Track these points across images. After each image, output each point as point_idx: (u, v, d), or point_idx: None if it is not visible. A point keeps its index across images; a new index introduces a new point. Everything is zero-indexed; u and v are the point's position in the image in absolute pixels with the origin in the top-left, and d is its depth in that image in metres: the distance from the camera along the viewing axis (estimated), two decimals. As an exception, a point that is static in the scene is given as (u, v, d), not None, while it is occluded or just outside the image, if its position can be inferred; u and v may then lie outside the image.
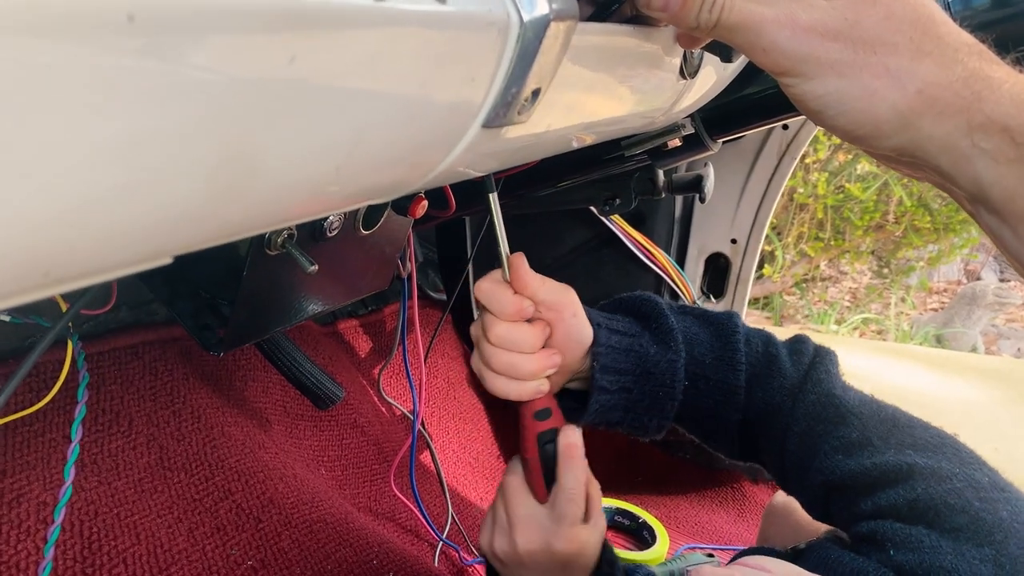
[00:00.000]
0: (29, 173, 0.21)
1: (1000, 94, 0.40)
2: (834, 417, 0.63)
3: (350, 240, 0.70)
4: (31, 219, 0.22)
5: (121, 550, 0.71)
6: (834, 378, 0.67)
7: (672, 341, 0.67)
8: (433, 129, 0.36)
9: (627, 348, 0.66)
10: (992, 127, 0.40)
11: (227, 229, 0.33)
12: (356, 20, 0.27)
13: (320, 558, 0.82)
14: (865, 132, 0.43)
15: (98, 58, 0.19)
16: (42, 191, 0.22)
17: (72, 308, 0.57)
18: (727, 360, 0.68)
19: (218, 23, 0.22)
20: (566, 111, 0.48)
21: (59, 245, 0.25)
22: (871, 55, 0.41)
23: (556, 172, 1.02)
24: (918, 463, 0.58)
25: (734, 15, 0.41)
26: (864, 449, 0.61)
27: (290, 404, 1.05)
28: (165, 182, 0.26)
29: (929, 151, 0.42)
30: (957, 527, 0.55)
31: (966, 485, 0.56)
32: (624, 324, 0.68)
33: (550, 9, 0.36)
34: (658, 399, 0.67)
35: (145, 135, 0.23)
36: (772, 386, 0.67)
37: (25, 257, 0.24)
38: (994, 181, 0.41)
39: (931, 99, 0.41)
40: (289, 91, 0.27)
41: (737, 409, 0.68)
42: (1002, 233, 0.44)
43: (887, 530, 0.57)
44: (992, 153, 0.41)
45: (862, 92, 0.41)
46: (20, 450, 0.72)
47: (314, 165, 0.31)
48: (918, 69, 0.40)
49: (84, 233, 0.25)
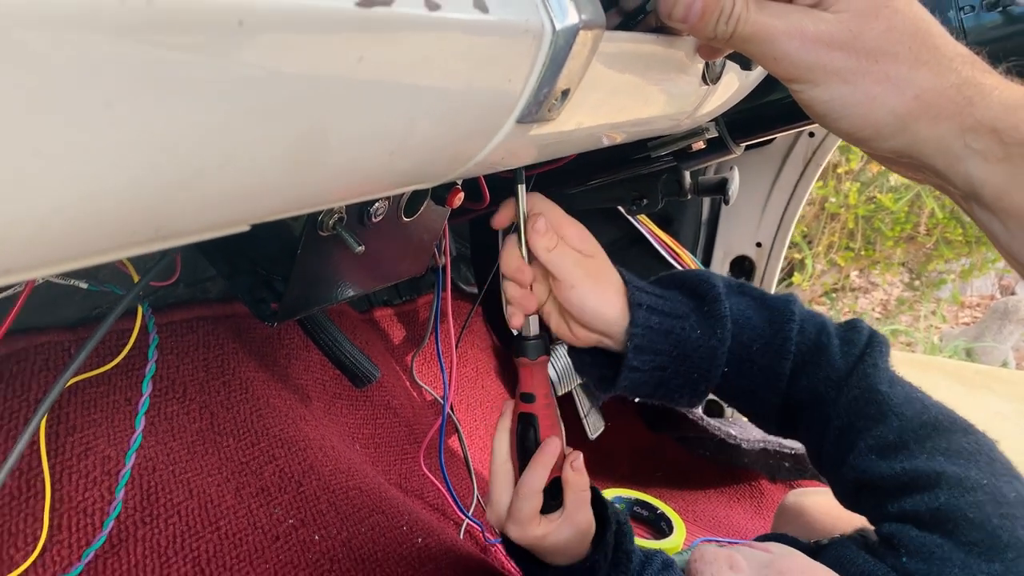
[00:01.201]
0: (161, 146, 0.27)
1: (990, 99, 0.43)
2: (875, 414, 0.64)
3: (392, 226, 0.76)
4: (154, 184, 0.28)
5: (176, 503, 0.78)
6: (881, 372, 0.66)
7: (719, 327, 0.67)
8: (474, 122, 0.41)
9: (667, 330, 0.66)
10: (982, 129, 0.44)
11: (297, 202, 0.39)
12: (413, 26, 0.32)
13: (354, 521, 0.88)
14: (867, 134, 0.46)
15: (212, 55, 0.25)
16: (166, 161, 0.27)
17: (144, 278, 0.64)
18: (776, 347, 0.68)
19: (303, 29, 0.28)
20: (593, 111, 0.53)
21: (171, 207, 0.30)
22: (873, 64, 0.44)
23: (586, 171, 1.06)
24: (947, 471, 0.59)
25: (748, 27, 0.45)
26: (899, 452, 0.62)
27: (329, 383, 1.11)
28: (254, 158, 0.31)
29: (925, 152, 0.45)
30: (972, 541, 0.56)
31: (990, 499, 0.57)
32: (672, 304, 0.68)
33: (579, 19, 0.41)
34: (692, 380, 0.67)
35: (242, 118, 0.28)
36: (819, 376, 0.67)
37: (144, 216, 0.30)
38: (985, 179, 0.45)
39: (927, 104, 0.44)
40: (355, 85, 0.32)
41: (779, 394, 0.69)
42: (993, 227, 0.47)
43: (904, 536, 0.58)
44: (983, 153, 0.44)
45: (864, 97, 0.44)
46: (87, 409, 0.79)
47: (372, 149, 0.37)
48: (915, 77, 0.44)
49: (191, 198, 0.31)
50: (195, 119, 0.26)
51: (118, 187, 0.26)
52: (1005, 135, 0.43)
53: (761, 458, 1.57)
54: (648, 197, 1.18)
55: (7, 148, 0.21)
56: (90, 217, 0.27)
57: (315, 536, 0.84)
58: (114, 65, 0.22)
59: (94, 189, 0.26)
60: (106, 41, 0.21)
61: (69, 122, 0.22)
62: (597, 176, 1.07)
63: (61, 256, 0.29)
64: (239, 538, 0.79)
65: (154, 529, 0.76)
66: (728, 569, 0.57)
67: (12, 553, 0.69)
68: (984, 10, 0.75)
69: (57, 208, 0.25)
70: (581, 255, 0.65)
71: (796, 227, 3.48)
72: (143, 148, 0.26)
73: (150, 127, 0.25)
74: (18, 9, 0.19)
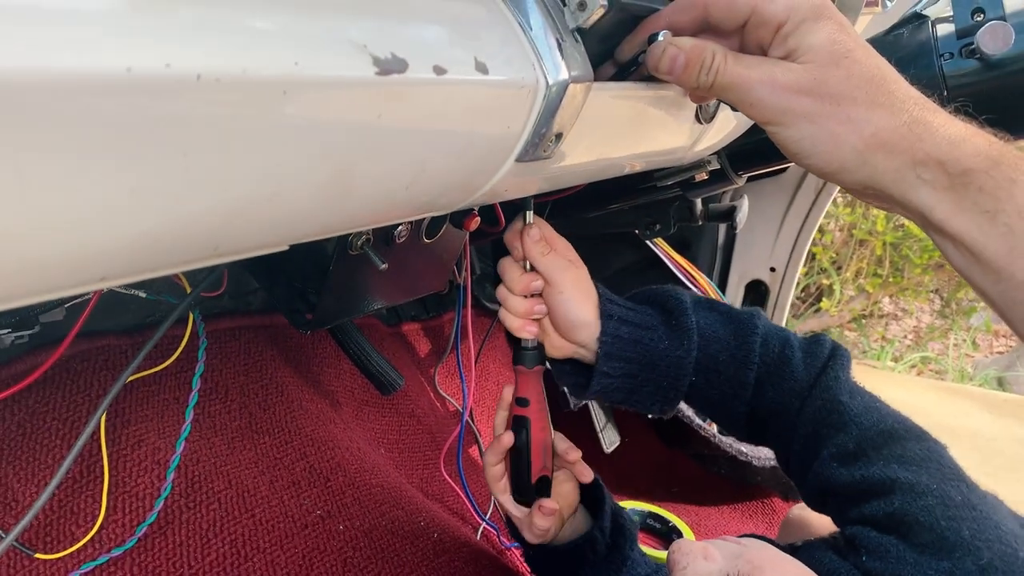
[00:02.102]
0: (224, 183, 0.34)
1: (937, 136, 0.49)
2: (836, 423, 0.68)
3: (415, 247, 0.84)
4: (217, 213, 0.36)
5: (216, 491, 0.87)
6: (842, 383, 0.71)
7: (686, 339, 0.72)
8: (478, 161, 0.48)
9: (636, 339, 0.71)
10: (930, 161, 0.49)
11: (330, 226, 0.46)
12: (423, 88, 0.39)
13: (376, 515, 0.96)
14: (833, 168, 0.51)
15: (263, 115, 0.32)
16: (227, 195, 0.35)
17: (197, 288, 0.72)
18: (740, 358, 0.72)
19: (333, 93, 0.35)
20: (588, 150, 0.59)
21: (228, 231, 0.38)
22: (836, 107, 0.49)
23: (599, 198, 1.12)
24: (900, 478, 0.63)
25: (726, 77, 0.51)
26: (857, 460, 0.66)
27: (358, 391, 1.20)
28: (296, 191, 0.38)
29: (884, 183, 0.51)
30: (924, 543, 0.60)
31: (939, 502, 0.61)
32: (642, 316, 0.73)
33: (569, 75, 0.48)
34: (662, 388, 0.73)
35: (286, 162, 0.36)
36: (783, 388, 0.72)
37: (208, 238, 0.37)
38: (933, 206, 0.50)
39: (883, 141, 0.49)
40: (376, 135, 0.38)
41: (745, 403, 0.73)
42: (946, 249, 0.53)
43: (864, 537, 0.63)
44: (931, 183, 0.50)
45: (829, 136, 0.50)
46: (140, 405, 0.88)
47: (391, 184, 0.44)
48: (872, 117, 0.49)
49: (244, 224, 0.38)
50: (251, 163, 0.34)
51: (191, 215, 0.34)
52: (949, 166, 0.49)
53: (773, 476, 1.61)
54: (661, 223, 1.24)
55: (114, 186, 0.29)
56: (168, 238, 0.35)
57: (340, 526, 0.92)
58: (190, 123, 0.30)
59: (173, 217, 0.33)
60: (186, 108, 0.29)
61: (157, 166, 0.30)
62: (609, 203, 1.14)
63: (144, 268, 0.37)
64: (272, 525, 0.87)
65: (197, 514, 0.84)
66: (702, 559, 0.61)
67: (73, 530, 0.78)
68: (962, 57, 0.80)
69: (145, 231, 0.33)
70: (570, 263, 0.73)
71: (825, 253, 3.47)
72: (211, 185, 0.33)
73: (216, 169, 0.33)
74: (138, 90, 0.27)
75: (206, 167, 0.32)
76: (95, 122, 0.26)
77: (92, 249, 0.31)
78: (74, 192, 0.28)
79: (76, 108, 0.25)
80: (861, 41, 0.51)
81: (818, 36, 0.49)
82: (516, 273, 0.72)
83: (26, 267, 0.29)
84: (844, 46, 0.49)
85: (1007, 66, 0.75)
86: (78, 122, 0.26)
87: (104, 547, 0.79)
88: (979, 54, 0.77)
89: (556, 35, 0.47)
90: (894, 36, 0.84)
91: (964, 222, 0.50)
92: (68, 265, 0.31)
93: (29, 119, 0.24)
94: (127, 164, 0.29)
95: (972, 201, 0.50)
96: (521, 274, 0.72)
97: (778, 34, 0.50)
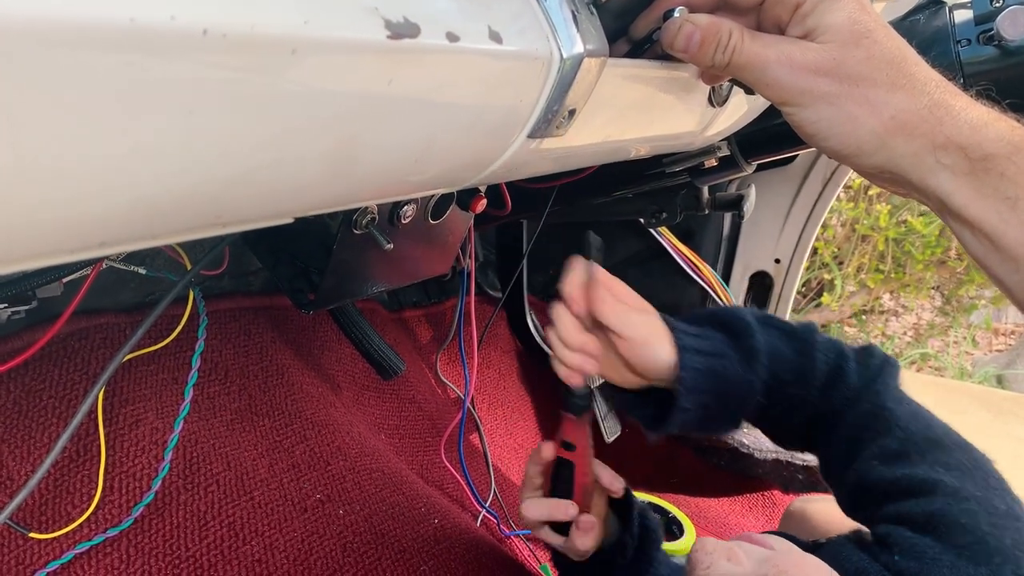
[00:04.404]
0: (228, 147, 0.33)
1: (958, 119, 0.48)
2: (882, 427, 0.66)
3: (420, 228, 0.83)
4: (220, 178, 0.34)
5: (215, 473, 0.86)
6: (891, 390, 0.69)
7: (756, 363, 0.69)
8: (489, 135, 0.47)
9: (710, 369, 0.68)
10: (951, 145, 0.48)
11: (335, 199, 0.45)
12: (435, 55, 0.37)
13: (376, 500, 0.95)
14: (851, 151, 0.50)
15: (271, 76, 0.30)
16: (229, 161, 0.34)
17: (198, 264, 0.71)
18: (804, 375, 0.70)
19: (343, 56, 0.34)
20: (600, 128, 0.58)
21: (231, 199, 0.37)
22: (854, 88, 0.48)
23: (607, 184, 1.11)
24: (944, 481, 0.61)
25: (743, 56, 0.50)
26: (900, 460, 0.64)
27: (358, 375, 1.19)
28: (300, 159, 0.37)
29: (902, 167, 0.50)
30: (963, 545, 0.58)
31: (982, 509, 0.59)
32: (711, 343, 0.70)
33: (585, 48, 0.46)
34: (730, 412, 0.71)
35: (292, 126, 0.34)
36: (835, 396, 0.70)
37: (209, 205, 0.36)
38: (952, 191, 0.49)
39: (902, 123, 0.48)
40: (386, 103, 0.37)
41: (805, 415, 0.72)
42: (964, 236, 0.52)
43: (898, 536, 0.60)
44: (951, 168, 0.49)
45: (847, 118, 0.49)
46: (138, 384, 0.87)
47: (399, 155, 0.43)
48: (892, 99, 0.48)
49: (247, 192, 0.37)
50: (256, 125, 0.33)
51: (193, 179, 0.33)
52: (970, 151, 0.48)
53: (775, 469, 1.60)
54: (667, 211, 1.23)
55: (113, 144, 0.28)
56: (169, 203, 0.34)
57: (339, 511, 0.91)
58: (197, 82, 0.28)
59: (174, 180, 0.32)
60: (192, 64, 0.27)
61: (159, 125, 0.29)
62: (617, 189, 1.13)
63: (144, 234, 0.36)
64: (271, 508, 0.86)
65: (195, 495, 0.83)
66: (726, 561, 0.59)
67: (69, 510, 0.77)
68: (980, 44, 0.79)
69: (145, 194, 0.32)
70: (640, 311, 0.70)
71: (827, 248, 3.47)
72: (214, 148, 0.32)
73: (219, 131, 0.31)
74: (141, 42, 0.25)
75: (209, 128, 0.31)
76: (94, 74, 0.25)
77: (90, 211, 0.30)
78: (70, 149, 0.26)
79: (75, 59, 0.24)
80: (881, 21, 0.50)
81: (838, 15, 0.48)
82: (574, 330, 0.67)
83: (18, 228, 0.28)
84: (864, 26, 0.48)
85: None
86: (76, 74, 0.25)
87: (100, 527, 0.78)
88: (997, 40, 0.76)
89: (572, 7, 0.46)
90: (910, 22, 0.83)
91: (984, 209, 0.49)
92: (65, 227, 0.30)
93: (24, 69, 0.23)
94: (126, 121, 0.28)
95: (993, 187, 0.49)
96: (580, 332, 0.67)
97: (797, 13, 0.49)
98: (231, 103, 0.30)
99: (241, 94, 0.30)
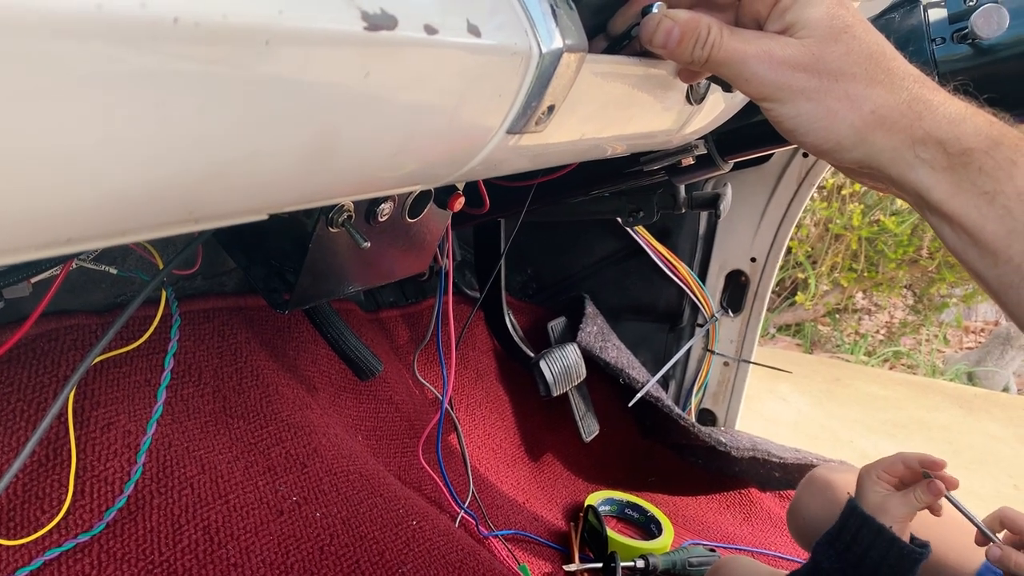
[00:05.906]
0: (200, 139, 0.32)
1: (936, 114, 0.48)
2: None
3: (397, 226, 0.82)
4: (192, 172, 0.34)
5: (189, 476, 0.84)
6: None
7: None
8: (467, 131, 0.47)
9: None
10: (929, 140, 0.48)
11: (311, 194, 0.44)
12: (413, 47, 0.37)
13: (354, 502, 0.94)
14: (830, 147, 0.50)
15: (243, 67, 0.29)
16: (201, 154, 0.33)
17: (171, 262, 0.70)
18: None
19: (319, 47, 0.33)
20: (579, 125, 0.57)
21: (204, 193, 0.36)
22: (834, 83, 0.48)
23: (584, 182, 1.11)
24: None
25: (722, 52, 0.49)
26: None
27: (335, 376, 1.17)
28: (275, 153, 0.36)
29: (881, 161, 0.50)
30: None
31: None
32: None
33: (564, 43, 0.46)
34: None
35: (266, 119, 0.33)
36: None
37: (182, 200, 0.35)
38: (931, 186, 0.49)
39: (881, 118, 0.48)
40: (362, 95, 0.36)
41: None
42: (943, 231, 0.52)
43: None
44: (930, 162, 0.49)
45: (826, 113, 0.49)
46: (111, 387, 0.85)
47: (377, 149, 0.42)
48: (871, 94, 0.48)
49: (220, 186, 0.36)
50: (229, 118, 0.32)
51: (164, 173, 0.32)
52: (949, 146, 0.48)
53: (751, 467, 1.61)
54: (644, 210, 1.24)
55: (79, 136, 0.27)
56: (140, 198, 0.33)
57: (317, 513, 0.90)
58: (167, 73, 0.27)
59: (144, 174, 0.31)
60: (162, 53, 0.27)
61: (128, 116, 0.28)
62: (594, 188, 1.13)
63: (114, 230, 0.35)
64: (246, 511, 0.85)
65: (168, 499, 0.82)
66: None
67: (38, 515, 0.75)
68: (954, 42, 0.80)
69: (114, 188, 0.31)
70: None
71: (800, 247, 3.50)
72: (186, 140, 0.31)
73: (191, 123, 0.31)
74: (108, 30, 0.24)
75: (180, 120, 0.30)
76: (59, 63, 0.24)
77: (56, 205, 0.29)
78: (35, 141, 0.26)
79: (38, 47, 0.23)
80: (860, 16, 0.50)
81: (816, 11, 0.48)
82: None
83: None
84: (843, 21, 0.48)
85: (999, 51, 0.74)
86: (41, 62, 0.24)
87: (71, 532, 0.76)
88: (971, 39, 0.77)
89: (551, 2, 0.46)
90: (885, 20, 0.83)
91: (962, 203, 0.50)
92: (31, 222, 0.29)
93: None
94: (93, 112, 0.27)
95: (971, 182, 0.49)
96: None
97: (775, 8, 0.49)
98: (203, 94, 0.30)
99: (213, 85, 0.30)
